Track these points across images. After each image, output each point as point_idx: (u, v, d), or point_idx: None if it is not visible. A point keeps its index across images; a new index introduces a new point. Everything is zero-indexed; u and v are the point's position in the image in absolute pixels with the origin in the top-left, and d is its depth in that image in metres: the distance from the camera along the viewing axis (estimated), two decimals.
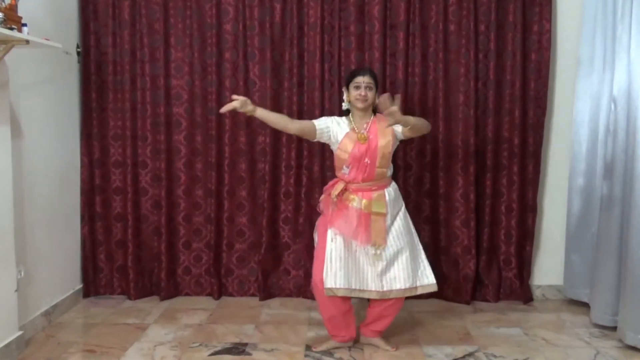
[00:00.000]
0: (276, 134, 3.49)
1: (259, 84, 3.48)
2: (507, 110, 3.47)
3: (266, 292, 3.57)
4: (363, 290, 2.66)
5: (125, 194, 3.55)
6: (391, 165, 2.75)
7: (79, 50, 3.49)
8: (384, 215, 2.65)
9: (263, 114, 2.72)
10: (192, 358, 2.70)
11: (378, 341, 2.80)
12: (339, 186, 2.68)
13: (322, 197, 2.82)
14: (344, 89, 2.78)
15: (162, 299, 3.53)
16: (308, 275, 3.53)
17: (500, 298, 3.55)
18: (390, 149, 2.67)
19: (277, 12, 3.43)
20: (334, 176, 3.47)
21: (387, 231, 2.65)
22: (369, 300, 2.77)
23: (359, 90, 2.66)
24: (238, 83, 3.47)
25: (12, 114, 2.71)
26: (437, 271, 3.52)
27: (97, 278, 3.61)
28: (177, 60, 3.49)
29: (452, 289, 3.54)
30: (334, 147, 2.75)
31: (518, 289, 3.55)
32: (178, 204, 3.57)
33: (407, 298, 3.43)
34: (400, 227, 2.70)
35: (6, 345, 2.60)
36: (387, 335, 2.87)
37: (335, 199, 2.67)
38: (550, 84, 3.47)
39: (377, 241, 2.63)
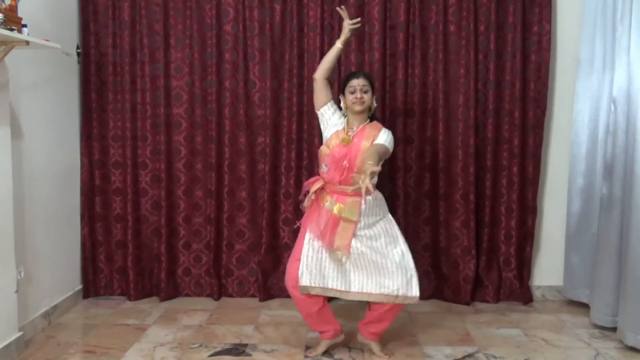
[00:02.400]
0: (276, 134, 3.49)
1: (259, 85, 3.49)
2: (507, 111, 3.47)
3: (266, 293, 3.57)
4: (342, 291, 2.60)
5: (125, 194, 3.55)
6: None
7: (79, 51, 3.49)
8: (354, 223, 2.56)
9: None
10: (192, 359, 2.70)
11: (374, 345, 2.75)
12: (318, 184, 2.65)
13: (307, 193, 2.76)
14: (340, 96, 2.73)
15: (162, 299, 3.53)
16: None
17: (500, 299, 3.55)
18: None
19: (277, 13, 3.44)
20: None
21: (352, 239, 2.56)
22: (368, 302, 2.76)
23: (355, 93, 2.62)
24: (238, 84, 3.48)
25: (12, 115, 2.71)
26: (437, 272, 3.58)
27: (97, 279, 3.61)
28: (177, 61, 3.49)
29: (452, 290, 3.54)
30: (323, 134, 2.73)
31: (518, 290, 3.55)
32: (178, 205, 3.57)
33: None
34: (380, 235, 2.60)
35: (6, 346, 2.60)
36: (387, 335, 2.87)
37: (312, 196, 2.65)
38: (550, 84, 3.48)
39: (340, 247, 2.56)
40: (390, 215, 2.71)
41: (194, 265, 3.62)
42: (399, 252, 2.61)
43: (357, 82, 2.63)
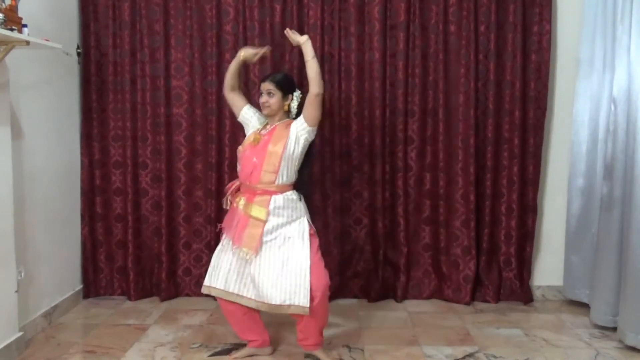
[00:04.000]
0: None
1: (260, 85, 3.48)
2: (507, 111, 3.47)
3: None
4: (241, 296, 2.56)
5: (125, 194, 3.55)
6: (289, 175, 2.57)
7: (79, 51, 3.49)
8: (262, 221, 2.51)
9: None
10: (193, 359, 2.70)
11: (319, 353, 2.66)
12: (235, 184, 2.68)
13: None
14: None
15: (162, 299, 3.53)
16: None
17: (500, 299, 3.55)
18: (279, 154, 2.53)
19: (277, 12, 3.43)
20: (333, 177, 3.50)
21: (262, 240, 2.51)
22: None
23: (262, 97, 2.64)
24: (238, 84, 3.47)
25: (13, 115, 2.71)
26: (437, 272, 3.58)
27: (97, 279, 3.61)
28: (177, 61, 3.49)
29: (452, 290, 3.54)
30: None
31: (518, 290, 3.55)
32: (178, 205, 3.57)
33: (404, 299, 3.49)
34: (285, 241, 2.52)
35: (6, 346, 2.61)
36: (387, 335, 2.87)
37: (229, 197, 2.66)
38: (550, 84, 3.48)
39: (248, 246, 2.51)
40: (306, 219, 2.59)
41: (194, 265, 3.62)
42: (300, 260, 2.48)
43: (263, 86, 2.65)
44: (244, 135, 3.47)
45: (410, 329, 3.08)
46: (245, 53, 2.72)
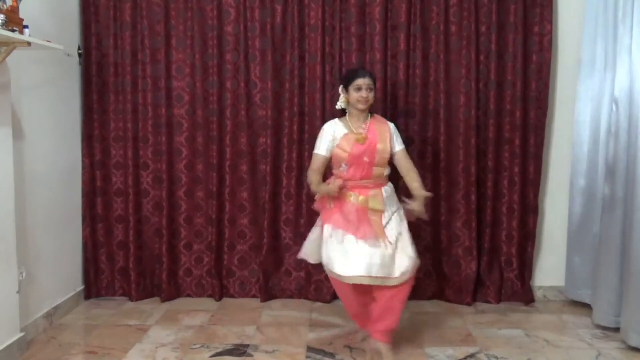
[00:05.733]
0: (277, 135, 3.50)
1: (260, 86, 3.49)
2: (508, 111, 3.47)
3: (267, 294, 3.57)
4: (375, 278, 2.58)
5: (126, 195, 3.55)
6: (388, 167, 2.76)
7: (80, 51, 3.50)
8: (381, 212, 2.65)
9: None
10: (194, 359, 2.70)
11: (384, 348, 2.66)
12: (338, 182, 2.67)
13: (317, 196, 2.78)
14: (341, 90, 2.76)
15: (163, 300, 3.53)
16: (309, 276, 3.53)
17: (501, 299, 3.55)
18: (388, 153, 2.72)
19: (278, 13, 3.44)
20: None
21: (384, 227, 2.65)
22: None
23: (360, 92, 2.66)
24: (239, 84, 3.48)
25: (14, 116, 2.71)
26: (438, 272, 3.57)
27: (98, 279, 3.61)
28: (178, 62, 3.49)
29: (453, 290, 3.53)
30: (322, 145, 2.74)
31: (519, 290, 3.54)
32: (179, 206, 3.57)
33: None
34: (395, 222, 2.70)
35: (7, 347, 2.61)
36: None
37: (331, 203, 2.69)
38: (552, 84, 3.47)
39: (379, 234, 2.60)
40: (401, 207, 2.78)
41: (195, 265, 3.62)
42: (406, 238, 2.70)
43: (363, 82, 2.67)
44: (245, 136, 3.52)
45: (411, 330, 3.08)
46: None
